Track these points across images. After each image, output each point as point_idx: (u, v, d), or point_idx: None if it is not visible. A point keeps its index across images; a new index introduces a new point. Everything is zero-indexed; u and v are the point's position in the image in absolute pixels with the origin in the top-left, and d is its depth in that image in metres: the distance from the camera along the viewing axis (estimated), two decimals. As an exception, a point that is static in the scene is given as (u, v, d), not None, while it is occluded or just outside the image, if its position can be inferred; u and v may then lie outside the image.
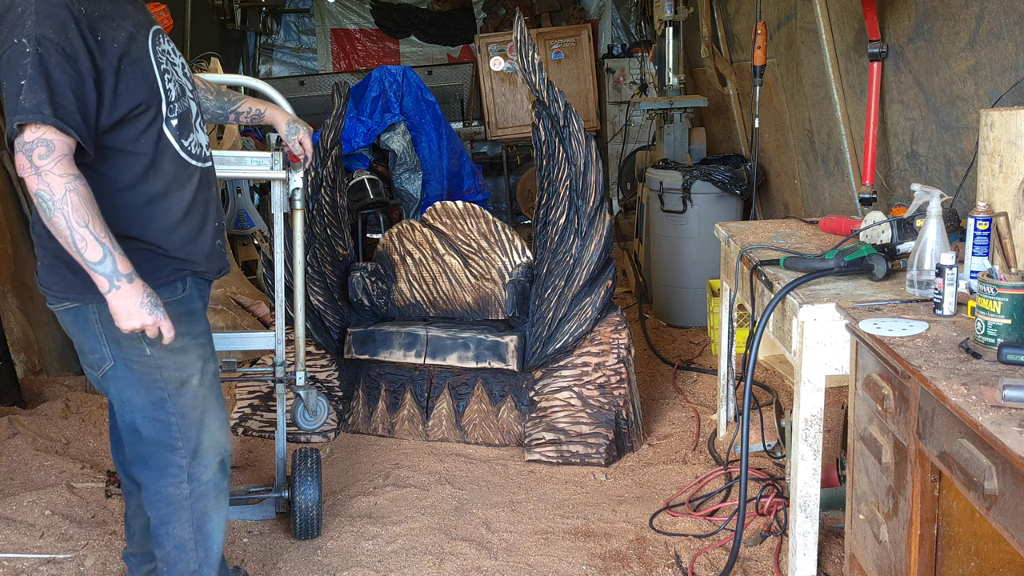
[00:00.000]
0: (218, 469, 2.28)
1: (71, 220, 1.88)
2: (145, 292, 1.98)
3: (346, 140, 5.86)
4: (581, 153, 3.51)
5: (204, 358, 2.23)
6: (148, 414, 2.18)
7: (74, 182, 1.89)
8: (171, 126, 2.12)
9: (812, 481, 2.48)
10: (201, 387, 2.21)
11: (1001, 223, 2.20)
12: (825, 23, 3.81)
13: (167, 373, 2.15)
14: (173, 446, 2.20)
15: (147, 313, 1.98)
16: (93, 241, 1.90)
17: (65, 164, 1.88)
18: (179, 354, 2.16)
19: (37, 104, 1.85)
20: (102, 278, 1.93)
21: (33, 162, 1.86)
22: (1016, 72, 2.49)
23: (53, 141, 1.87)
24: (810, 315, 2.34)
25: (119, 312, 1.97)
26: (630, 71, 8.17)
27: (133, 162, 2.06)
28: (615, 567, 2.79)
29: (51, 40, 1.88)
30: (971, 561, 1.93)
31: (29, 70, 1.85)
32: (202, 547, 2.28)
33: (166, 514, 2.24)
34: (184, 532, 2.25)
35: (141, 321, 1.98)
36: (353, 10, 9.27)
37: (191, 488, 2.23)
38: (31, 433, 3.78)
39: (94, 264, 1.91)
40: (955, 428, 1.67)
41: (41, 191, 1.87)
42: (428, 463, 3.58)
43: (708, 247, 4.88)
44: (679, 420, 3.92)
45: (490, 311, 3.88)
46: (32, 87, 1.85)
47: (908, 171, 3.30)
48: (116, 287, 1.94)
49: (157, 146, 2.09)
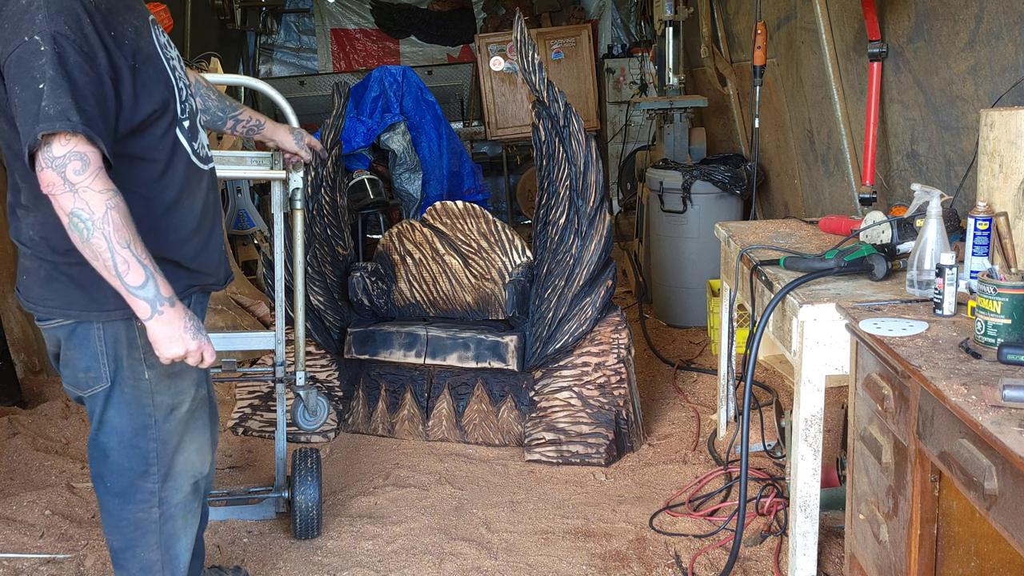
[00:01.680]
0: (190, 491, 2.15)
1: (113, 241, 1.69)
2: (187, 316, 1.84)
3: (346, 140, 5.86)
4: (581, 153, 3.51)
5: (198, 383, 2.12)
6: (126, 440, 2.04)
7: (114, 198, 1.70)
8: (183, 128, 1.97)
9: (812, 481, 2.48)
10: (188, 413, 2.10)
11: (1001, 223, 2.20)
12: (825, 23, 3.81)
13: (159, 399, 2.03)
14: (146, 472, 2.06)
15: (191, 338, 1.84)
16: (136, 264, 1.73)
17: (103, 179, 1.69)
18: (175, 379, 2.04)
19: (63, 110, 1.64)
20: (144, 304, 1.77)
21: (68, 178, 1.66)
22: (1016, 72, 2.49)
23: (87, 154, 1.67)
24: (810, 315, 2.34)
25: (161, 339, 1.81)
26: (630, 71, 8.16)
27: (148, 170, 1.91)
28: (615, 567, 2.79)
29: (67, 37, 1.68)
30: (971, 561, 1.93)
31: (49, 71, 1.65)
32: (169, 568, 2.15)
33: (133, 538, 2.10)
34: (151, 555, 2.12)
35: (186, 347, 1.83)
36: (353, 10, 9.27)
37: (161, 511, 2.09)
38: (31, 433, 3.78)
39: (135, 288, 1.75)
40: (955, 428, 1.67)
41: (79, 211, 1.67)
42: (428, 463, 3.58)
43: (708, 247, 4.88)
44: (679, 420, 3.92)
45: (490, 311, 3.88)
46: (55, 91, 1.65)
47: (908, 171, 3.30)
48: (159, 312, 1.78)
49: (173, 152, 1.94)
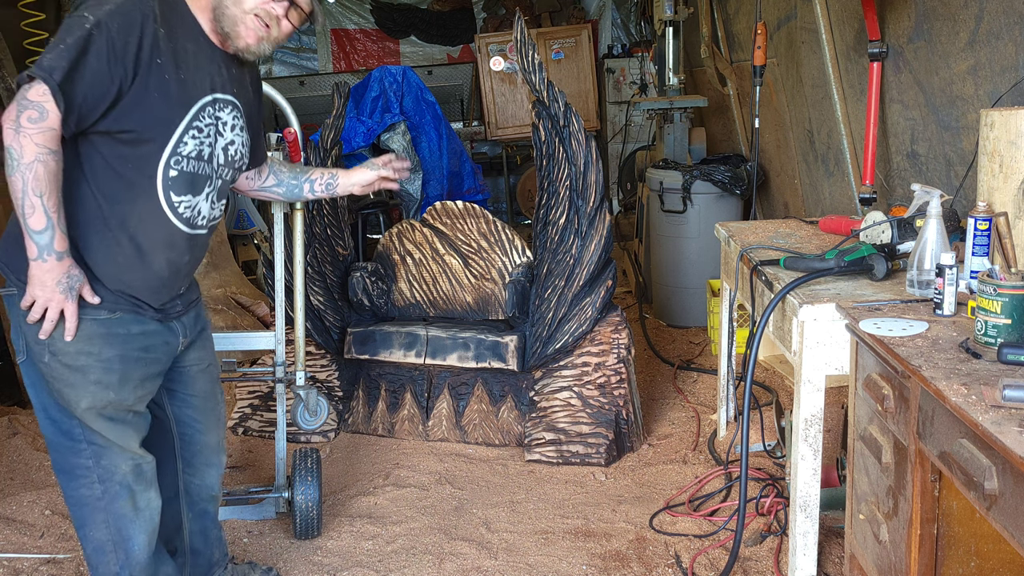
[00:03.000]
0: (131, 471, 2.18)
1: (29, 185, 1.89)
2: (69, 275, 1.98)
3: (346, 140, 5.86)
4: (581, 153, 3.51)
5: (102, 384, 2.09)
6: (53, 415, 2.14)
7: (47, 156, 1.89)
8: (167, 175, 2.08)
9: (812, 481, 2.48)
10: (90, 411, 2.10)
11: (1001, 223, 2.20)
12: (825, 23, 3.82)
13: (56, 385, 2.08)
14: (76, 448, 2.14)
15: (59, 291, 1.98)
16: (42, 211, 1.91)
17: (48, 136, 1.89)
18: (73, 372, 2.07)
19: (53, 67, 1.87)
20: (35, 247, 1.93)
21: (20, 120, 1.87)
22: (1016, 72, 2.49)
23: (48, 112, 1.88)
24: (810, 315, 2.34)
25: (34, 280, 1.97)
26: (630, 71, 8.16)
27: (112, 179, 2.04)
28: (615, 567, 2.79)
29: (109, 31, 1.92)
30: (971, 561, 1.93)
31: (70, 39, 1.89)
32: (121, 549, 2.21)
33: (81, 516, 2.19)
34: (100, 534, 2.19)
35: (50, 295, 1.97)
36: (353, 10, 9.27)
37: (103, 488, 2.16)
38: (31, 433, 3.78)
39: (34, 232, 1.92)
40: (955, 428, 1.67)
41: (12, 148, 1.88)
42: (428, 463, 3.58)
43: (708, 247, 4.88)
44: (679, 420, 3.92)
45: (490, 311, 3.88)
46: (62, 53, 1.88)
47: (908, 171, 3.30)
48: (44, 259, 1.94)
49: (139, 181, 2.06)
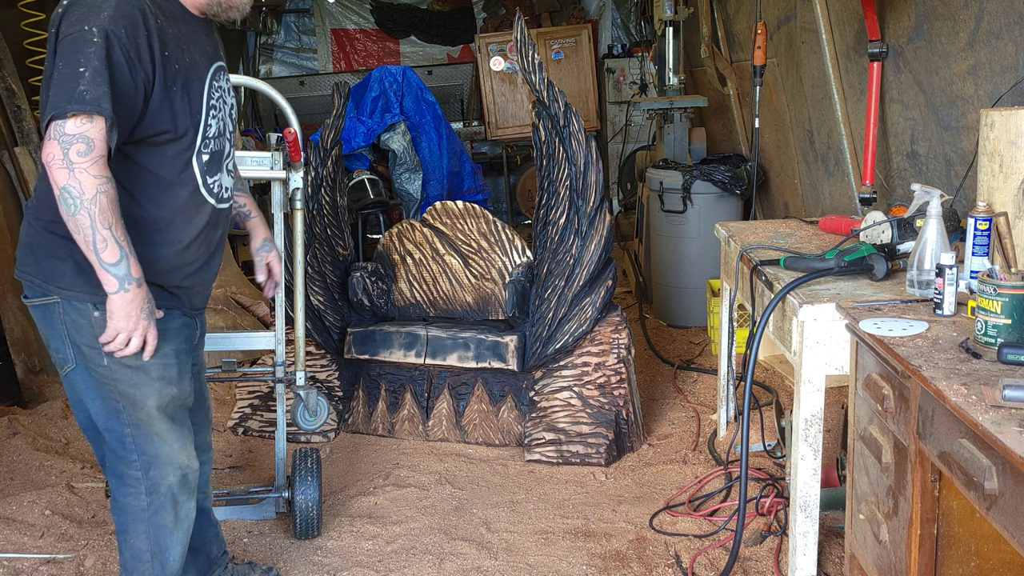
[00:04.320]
0: (177, 483, 2.22)
1: (96, 221, 1.87)
2: (148, 299, 2.00)
3: (346, 140, 5.86)
4: (581, 153, 3.51)
5: (165, 380, 2.15)
6: (103, 423, 2.15)
7: (105, 184, 1.88)
8: (201, 160, 2.12)
9: (812, 481, 2.48)
10: (158, 410, 2.15)
11: (1001, 223, 2.20)
12: (825, 23, 3.81)
13: (121, 388, 2.10)
14: (127, 459, 2.17)
15: (143, 318, 1.99)
16: (114, 243, 1.90)
17: (100, 165, 1.87)
18: (136, 371, 2.10)
19: (98, 97, 1.83)
20: (114, 279, 1.93)
21: (69, 157, 1.84)
22: (1016, 72, 2.49)
23: (95, 141, 1.85)
24: (810, 315, 2.34)
25: (117, 312, 1.96)
26: (630, 71, 8.16)
27: (152, 183, 2.07)
28: (615, 567, 2.79)
29: (120, 39, 1.88)
30: (971, 561, 1.93)
31: (94, 61, 1.84)
32: (158, 560, 2.25)
33: (124, 523, 2.23)
34: (140, 543, 2.23)
35: (135, 325, 1.98)
36: (353, 10, 9.27)
37: (149, 500, 2.19)
38: (31, 433, 3.78)
39: (109, 265, 1.91)
40: (955, 428, 1.67)
41: (71, 187, 1.85)
42: (428, 463, 3.58)
43: (708, 247, 4.88)
44: (679, 420, 3.92)
45: (490, 311, 3.88)
46: (96, 79, 1.84)
47: (908, 171, 3.30)
48: (126, 290, 1.95)
49: (181, 175, 2.10)
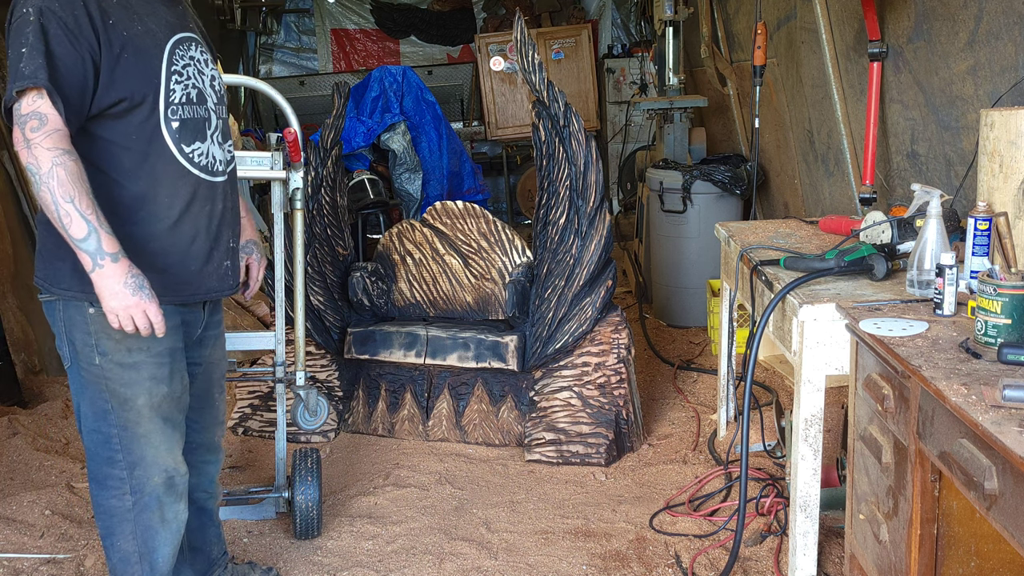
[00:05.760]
0: (163, 483, 2.18)
1: (56, 194, 1.85)
2: (130, 273, 1.93)
3: (346, 140, 5.86)
4: (581, 153, 3.51)
5: (156, 379, 2.11)
6: (89, 424, 2.13)
7: (62, 157, 1.86)
8: (171, 128, 2.06)
9: (812, 481, 2.48)
10: (149, 409, 2.12)
11: (1001, 223, 2.20)
12: (825, 23, 3.81)
13: (112, 386, 2.07)
14: (112, 459, 2.13)
15: (131, 293, 1.92)
16: (78, 217, 1.86)
17: (56, 138, 1.86)
18: (129, 370, 2.07)
19: (35, 70, 1.84)
20: (86, 256, 1.89)
21: (25, 135, 1.85)
22: (1016, 72, 2.49)
23: (47, 115, 1.85)
24: (810, 315, 2.34)
25: (103, 292, 1.92)
26: (630, 71, 8.17)
27: (125, 157, 2.02)
28: (615, 567, 2.79)
29: (54, 12, 1.88)
30: (971, 561, 1.93)
31: (31, 38, 1.86)
32: (147, 561, 2.21)
33: (110, 526, 2.18)
34: (128, 545, 2.19)
35: (124, 302, 1.92)
36: (353, 10, 9.27)
37: (134, 500, 2.15)
38: (31, 433, 3.78)
39: (79, 241, 1.88)
40: (955, 428, 1.67)
41: (30, 164, 1.86)
42: (428, 463, 3.58)
43: (708, 247, 4.88)
44: (679, 420, 3.92)
45: (490, 311, 3.88)
46: (32, 54, 1.85)
47: (908, 171, 3.30)
48: (99, 266, 1.89)
49: (152, 145, 2.04)
